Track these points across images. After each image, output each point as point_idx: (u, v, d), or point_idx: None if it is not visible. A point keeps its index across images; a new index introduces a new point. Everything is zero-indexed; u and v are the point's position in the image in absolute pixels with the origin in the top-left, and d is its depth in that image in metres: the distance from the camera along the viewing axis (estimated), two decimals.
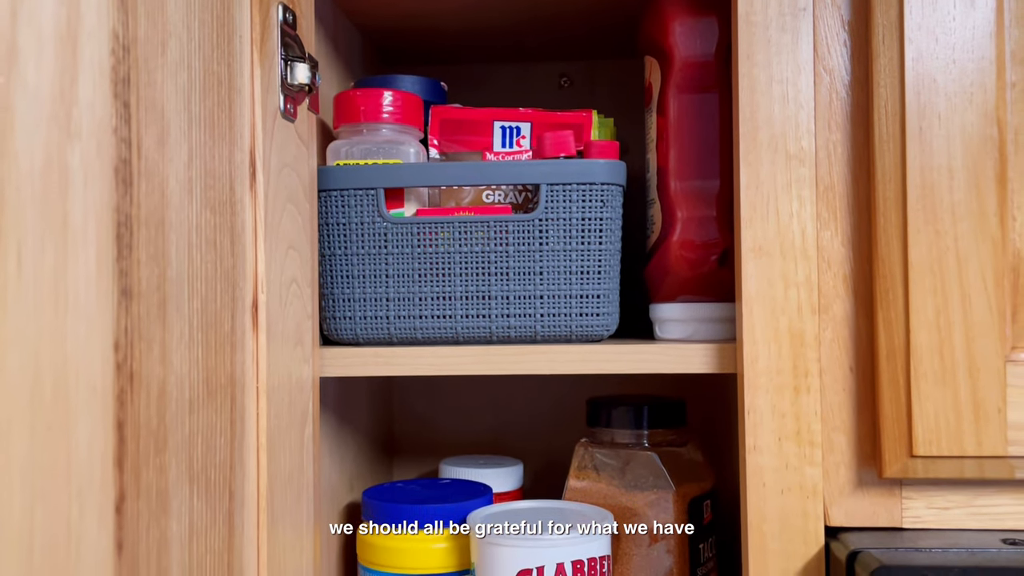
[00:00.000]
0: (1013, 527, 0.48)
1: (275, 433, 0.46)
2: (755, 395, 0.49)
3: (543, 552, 0.54)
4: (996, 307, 0.46)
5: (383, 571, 0.60)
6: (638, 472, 0.61)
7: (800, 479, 0.49)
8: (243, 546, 0.42)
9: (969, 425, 0.46)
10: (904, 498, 0.48)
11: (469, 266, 0.55)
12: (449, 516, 0.60)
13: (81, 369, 0.29)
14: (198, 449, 0.38)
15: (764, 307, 0.49)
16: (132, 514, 0.32)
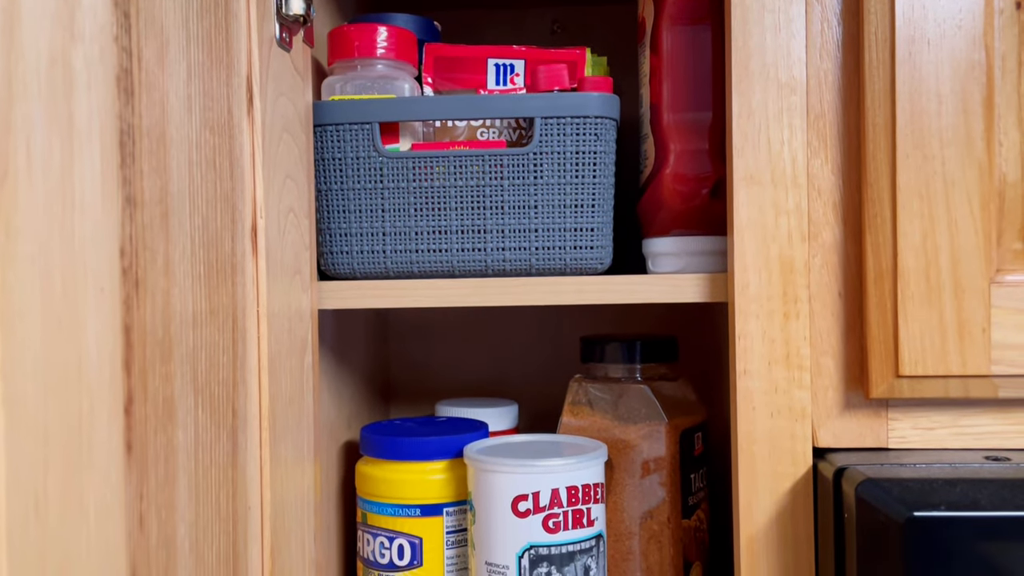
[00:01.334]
0: (996, 446, 0.49)
1: (276, 357, 0.47)
2: (746, 321, 0.50)
3: (538, 478, 0.56)
4: (982, 230, 0.47)
5: (382, 502, 0.62)
6: (631, 405, 0.62)
7: (789, 402, 0.50)
8: (246, 462, 0.44)
9: (954, 345, 0.47)
10: (890, 419, 0.50)
11: (464, 200, 0.56)
12: (446, 448, 0.62)
13: (89, 268, 0.30)
14: (202, 363, 0.39)
15: (755, 235, 0.50)
16: (140, 417, 0.33)
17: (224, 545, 0.41)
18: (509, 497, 0.56)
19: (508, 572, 0.56)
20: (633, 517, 0.61)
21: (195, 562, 0.38)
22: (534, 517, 0.56)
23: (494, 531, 0.56)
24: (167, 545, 0.35)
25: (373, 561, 0.62)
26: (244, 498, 0.43)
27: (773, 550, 0.50)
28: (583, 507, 0.57)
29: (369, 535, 0.62)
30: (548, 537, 0.55)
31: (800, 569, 0.50)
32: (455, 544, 0.61)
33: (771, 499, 0.50)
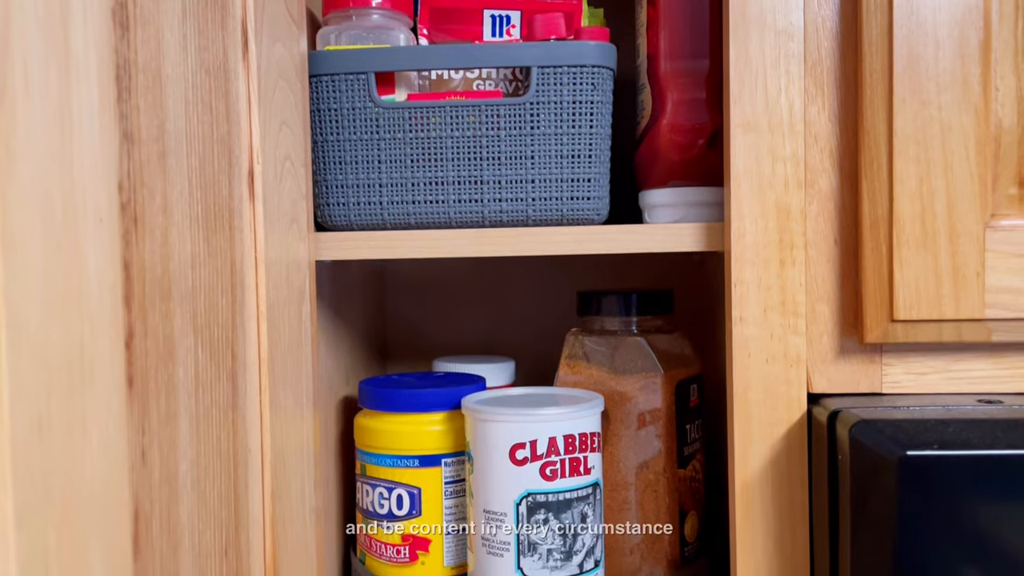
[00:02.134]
0: (989, 390, 0.50)
1: (274, 304, 0.47)
2: (742, 269, 0.51)
3: (536, 426, 0.56)
4: (977, 175, 0.47)
5: (381, 453, 0.62)
6: (627, 357, 0.63)
7: (784, 348, 0.50)
8: (246, 406, 0.44)
9: (948, 289, 0.47)
10: (884, 364, 0.50)
11: (461, 151, 0.56)
12: (444, 400, 0.62)
13: (88, 198, 0.30)
14: (201, 304, 0.39)
15: (752, 183, 0.50)
16: (141, 352, 0.33)
17: (226, 486, 0.41)
18: (507, 446, 0.56)
19: (506, 519, 0.56)
20: (629, 468, 0.62)
21: (197, 500, 0.38)
22: (531, 465, 0.56)
23: (492, 479, 0.57)
24: (169, 481, 0.36)
25: (372, 511, 0.63)
26: (244, 441, 0.44)
27: (768, 494, 0.51)
28: (580, 455, 0.57)
29: (368, 486, 0.63)
30: (545, 485, 0.56)
31: (794, 512, 0.50)
32: (453, 494, 0.62)
33: (766, 444, 0.51)
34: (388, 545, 0.62)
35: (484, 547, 0.57)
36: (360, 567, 0.64)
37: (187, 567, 0.37)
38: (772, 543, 0.51)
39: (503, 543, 0.57)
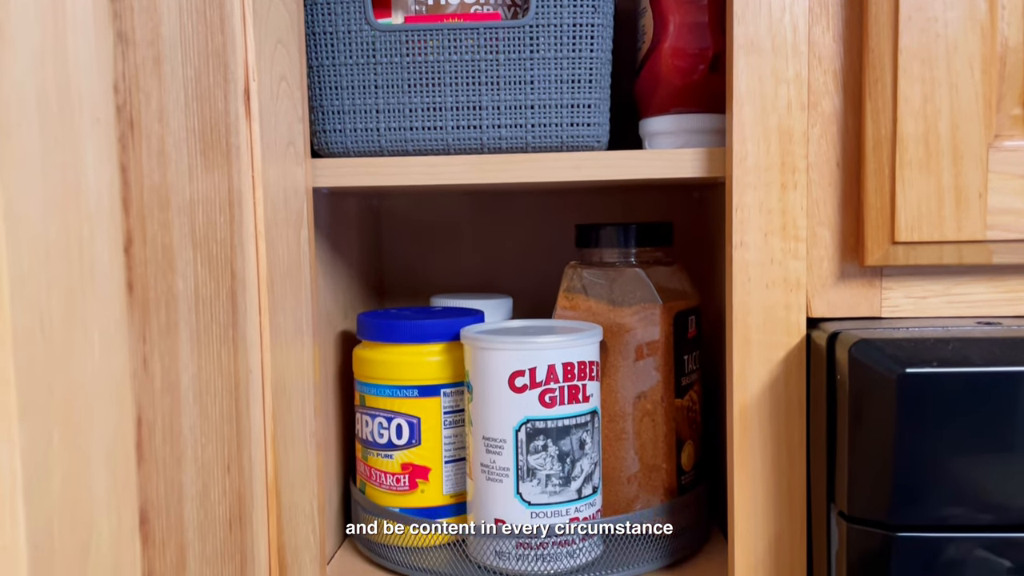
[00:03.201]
0: (988, 314, 0.50)
1: (272, 225, 0.47)
2: (743, 193, 0.50)
3: (534, 354, 0.56)
4: (982, 95, 0.46)
5: (380, 383, 0.62)
6: (625, 288, 0.63)
7: (784, 273, 0.50)
8: (246, 325, 0.44)
9: (950, 210, 0.47)
10: (884, 288, 0.50)
11: (459, 75, 0.55)
12: (443, 331, 0.62)
13: (84, 95, 0.29)
14: (199, 218, 0.39)
15: (754, 105, 0.50)
16: (140, 259, 0.33)
17: (227, 403, 0.41)
18: (506, 373, 0.57)
19: (505, 446, 0.57)
20: (627, 398, 0.62)
21: (199, 413, 0.38)
22: (531, 392, 0.56)
23: (491, 407, 0.57)
24: (171, 391, 0.35)
25: (372, 441, 0.63)
26: (245, 360, 0.44)
27: (765, 418, 0.51)
28: (578, 383, 0.57)
29: (368, 416, 0.63)
30: (544, 411, 0.56)
31: (792, 436, 0.51)
32: (453, 424, 0.62)
33: (764, 369, 0.51)
34: (388, 474, 0.62)
35: (483, 474, 0.58)
36: (360, 496, 0.64)
37: (190, 478, 0.37)
38: (770, 467, 0.51)
39: (502, 469, 0.57)
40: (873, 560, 0.44)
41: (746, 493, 0.51)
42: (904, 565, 0.44)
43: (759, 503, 0.51)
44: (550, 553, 0.57)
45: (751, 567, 0.52)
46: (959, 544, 0.43)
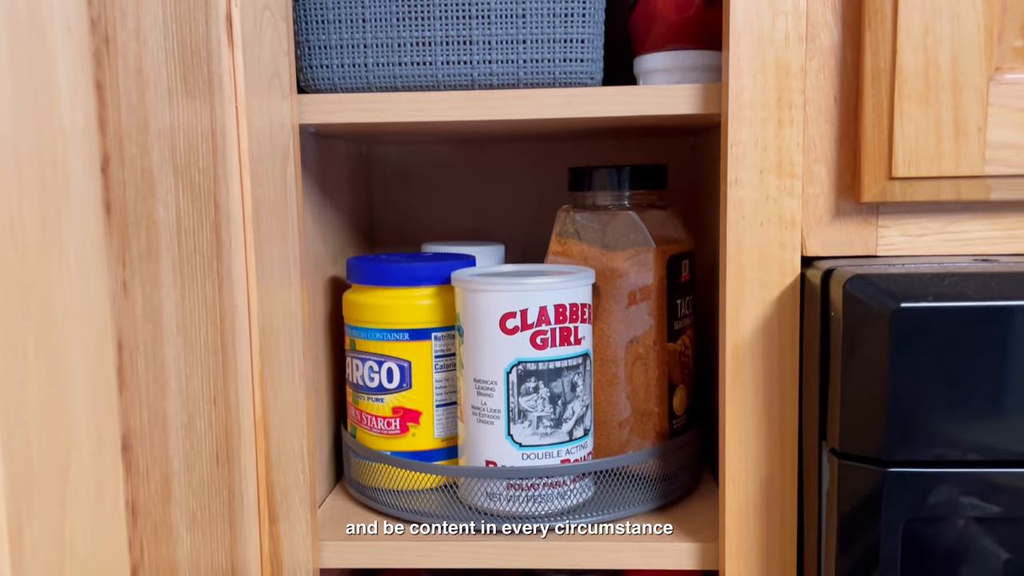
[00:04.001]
0: (985, 252, 0.49)
1: (257, 159, 0.46)
2: (739, 129, 0.49)
3: (526, 295, 0.56)
4: (984, 26, 0.45)
5: (371, 327, 0.62)
6: (619, 231, 0.62)
7: (779, 211, 0.50)
8: (231, 259, 0.43)
9: (949, 145, 0.46)
10: (879, 226, 0.50)
11: (448, 9, 0.54)
12: (434, 275, 0.61)
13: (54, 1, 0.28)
14: (180, 145, 0.37)
15: (751, 38, 0.48)
16: (118, 180, 0.32)
17: (212, 336, 0.41)
18: (497, 315, 0.56)
19: (496, 388, 0.56)
20: (619, 343, 0.62)
21: (184, 344, 0.37)
22: (522, 334, 0.56)
23: (482, 349, 0.57)
24: (153, 319, 0.35)
25: (362, 385, 0.63)
26: (231, 295, 0.43)
27: (758, 358, 0.51)
28: (570, 325, 0.57)
29: (358, 360, 0.63)
30: (536, 353, 0.56)
31: (784, 375, 0.50)
32: (444, 368, 0.62)
33: (758, 308, 0.50)
34: (379, 418, 0.62)
35: (475, 416, 0.58)
36: (351, 440, 0.64)
37: (175, 409, 0.37)
38: (762, 406, 0.51)
39: (494, 411, 0.57)
40: (864, 496, 0.44)
41: (738, 433, 0.51)
42: (895, 501, 0.44)
43: (750, 443, 0.51)
44: (541, 494, 0.57)
45: (742, 506, 0.52)
46: (951, 479, 0.43)
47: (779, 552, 0.52)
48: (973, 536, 0.43)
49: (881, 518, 0.44)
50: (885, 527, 0.44)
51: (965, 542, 0.44)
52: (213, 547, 0.40)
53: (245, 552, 0.44)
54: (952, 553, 0.44)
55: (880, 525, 0.44)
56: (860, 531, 0.45)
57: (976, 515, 0.43)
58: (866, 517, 0.44)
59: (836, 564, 0.46)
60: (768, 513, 0.51)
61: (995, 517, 0.43)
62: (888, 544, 0.44)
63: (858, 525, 0.45)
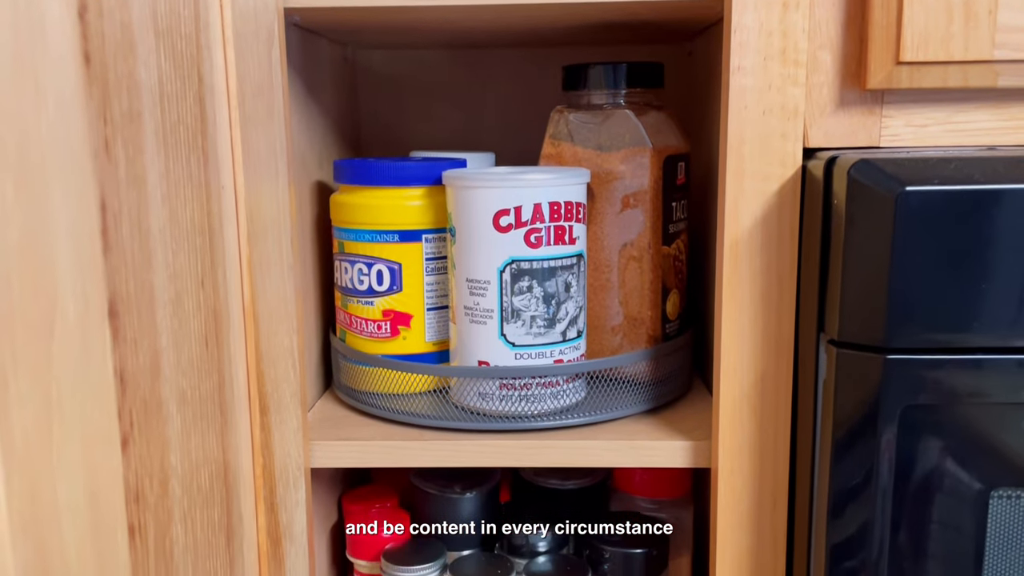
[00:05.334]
0: (990, 142, 0.48)
1: (241, 34, 0.43)
2: (743, 13, 0.47)
3: (520, 192, 0.54)
4: None
5: (360, 228, 0.60)
6: (614, 131, 0.60)
7: (782, 100, 0.48)
8: (216, 136, 0.41)
9: (959, 28, 0.45)
10: (884, 116, 0.48)
11: None
12: (425, 175, 0.60)
13: None
14: (161, 6, 0.35)
15: None
16: (96, 30, 0.30)
17: (199, 213, 0.39)
18: (491, 212, 0.55)
19: (489, 287, 0.55)
20: (612, 247, 0.61)
21: (169, 217, 0.36)
22: (516, 232, 0.55)
23: (475, 248, 0.55)
24: (137, 184, 0.33)
25: (352, 288, 0.61)
26: (217, 174, 0.41)
27: (756, 252, 0.50)
28: (565, 224, 0.56)
29: (347, 263, 0.61)
30: (530, 252, 0.55)
31: (782, 269, 0.50)
32: (434, 271, 0.61)
33: (757, 202, 0.49)
34: (369, 321, 0.61)
35: (467, 316, 0.57)
36: (340, 344, 0.63)
37: (162, 283, 0.35)
38: (759, 301, 0.50)
39: (487, 311, 0.56)
40: (863, 385, 0.44)
41: (734, 328, 0.51)
42: (894, 388, 0.43)
43: (746, 338, 0.51)
44: (534, 394, 0.56)
45: (736, 402, 0.51)
46: (950, 366, 0.43)
47: (772, 448, 0.52)
48: (970, 422, 0.43)
49: (879, 406, 0.44)
50: (883, 415, 0.44)
51: (962, 428, 0.44)
52: (204, 429, 0.39)
53: (236, 440, 0.43)
54: (949, 439, 0.44)
55: (878, 413, 0.44)
56: (857, 420, 0.44)
57: (974, 401, 0.43)
58: (864, 406, 0.44)
59: (832, 455, 0.46)
60: (763, 409, 0.51)
61: (993, 403, 0.43)
62: (885, 431, 0.44)
63: (855, 414, 0.44)
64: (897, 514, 0.44)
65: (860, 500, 0.45)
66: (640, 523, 0.63)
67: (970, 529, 0.44)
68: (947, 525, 0.44)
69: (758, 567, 0.53)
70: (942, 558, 0.44)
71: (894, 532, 0.45)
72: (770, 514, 0.52)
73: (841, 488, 0.45)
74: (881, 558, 0.45)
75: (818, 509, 0.47)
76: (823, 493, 0.47)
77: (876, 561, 0.45)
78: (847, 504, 0.46)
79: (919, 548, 0.45)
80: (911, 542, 0.45)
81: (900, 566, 0.45)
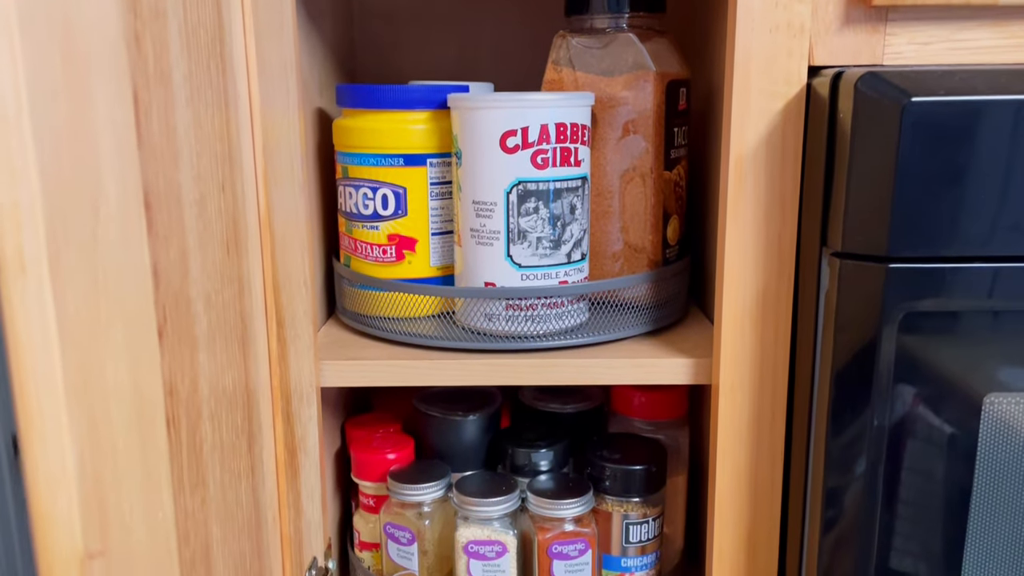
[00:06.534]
0: (991, 60, 0.49)
1: None
2: None
3: (527, 112, 0.55)
4: None
5: (364, 152, 0.60)
6: (617, 55, 0.61)
7: (788, 17, 0.49)
8: (232, 45, 0.41)
9: None
10: (887, 34, 0.49)
11: None
12: (429, 98, 0.60)
13: None
14: None
15: None
16: None
17: (218, 120, 0.39)
18: (498, 133, 0.55)
19: (496, 209, 0.56)
20: (614, 173, 0.62)
21: (192, 119, 0.36)
22: (523, 153, 0.55)
23: (482, 169, 0.56)
24: (164, 82, 0.33)
25: (356, 213, 0.62)
26: (233, 83, 0.41)
27: (761, 169, 0.51)
28: (571, 146, 0.56)
29: (351, 188, 0.62)
30: (536, 173, 0.55)
31: (785, 186, 0.51)
32: (439, 196, 0.61)
33: (763, 120, 0.50)
34: (373, 246, 0.62)
35: (473, 238, 0.57)
36: (345, 270, 0.64)
37: (188, 183, 0.36)
38: (762, 218, 0.51)
39: (493, 232, 0.57)
40: (864, 294, 0.45)
41: (737, 245, 0.52)
42: (895, 296, 0.45)
43: (748, 255, 0.52)
44: (539, 315, 0.58)
45: (738, 318, 0.53)
46: (951, 274, 0.44)
47: (772, 363, 0.53)
48: (967, 329, 0.45)
49: (880, 313, 0.45)
50: (884, 322, 0.45)
51: (959, 335, 0.45)
52: (227, 334, 0.40)
53: (255, 348, 0.44)
54: (946, 345, 0.45)
55: (879, 320, 0.45)
56: (858, 329, 0.46)
57: (972, 308, 0.45)
58: (865, 315, 0.46)
59: (832, 364, 0.47)
60: (763, 324, 0.53)
61: (990, 310, 0.45)
62: (885, 339, 0.45)
63: (856, 323, 0.46)
64: (894, 419, 0.46)
65: (858, 406, 0.47)
66: (639, 442, 0.64)
67: (964, 431, 0.46)
68: (942, 428, 0.46)
69: (756, 479, 0.55)
70: (937, 459, 0.46)
71: (891, 436, 0.46)
72: (769, 428, 0.54)
73: (840, 395, 0.47)
74: (878, 462, 0.47)
75: (817, 418, 0.49)
76: (823, 402, 0.48)
77: (873, 465, 0.47)
78: (846, 411, 0.47)
79: (915, 451, 0.47)
80: (907, 446, 0.47)
81: (896, 469, 0.47)
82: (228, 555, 0.39)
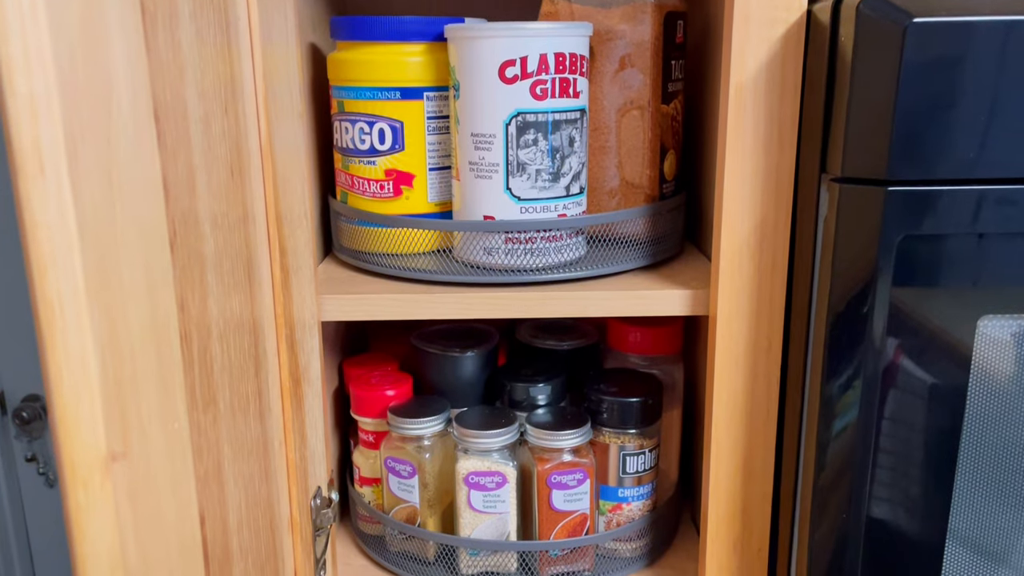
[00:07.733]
0: None
1: None
2: None
3: (526, 42, 0.54)
4: None
5: (360, 86, 0.60)
6: None
7: None
8: None
9: None
10: None
11: None
12: (426, 30, 0.59)
13: None
14: None
15: None
16: None
17: (220, 40, 0.39)
18: (496, 63, 0.55)
19: (495, 140, 0.56)
20: (611, 108, 0.61)
21: (196, 35, 0.36)
22: (522, 83, 0.55)
23: (480, 101, 0.56)
24: None
25: (353, 148, 0.61)
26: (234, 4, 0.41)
27: (760, 98, 0.51)
28: (569, 76, 0.56)
29: (347, 123, 0.61)
30: (536, 104, 0.55)
31: (784, 114, 0.51)
32: (436, 131, 0.61)
33: (763, 48, 0.50)
34: (371, 181, 0.61)
35: (472, 171, 0.57)
36: (341, 206, 0.63)
37: (193, 100, 0.35)
38: (761, 147, 0.51)
39: (492, 165, 0.57)
40: (864, 217, 0.46)
41: (736, 176, 0.52)
42: (894, 218, 0.45)
43: (747, 186, 0.52)
44: (538, 248, 0.58)
45: (736, 248, 0.53)
46: (951, 196, 0.45)
47: (768, 292, 0.54)
48: (964, 251, 0.46)
49: (879, 236, 0.46)
50: (882, 245, 0.46)
51: (956, 257, 0.46)
52: (233, 257, 0.40)
53: (260, 274, 0.44)
54: (943, 268, 0.46)
55: (877, 244, 0.46)
56: (857, 252, 0.47)
57: (969, 231, 0.45)
58: (864, 238, 0.46)
59: (830, 290, 0.48)
60: (761, 254, 0.53)
61: (987, 233, 0.45)
62: (883, 262, 0.46)
63: (855, 248, 0.47)
64: (890, 342, 0.47)
65: (855, 331, 0.47)
66: (635, 376, 0.65)
67: (958, 351, 0.47)
68: (937, 350, 0.47)
69: (752, 407, 0.56)
70: (932, 379, 0.47)
71: (887, 360, 0.47)
72: (765, 356, 0.55)
73: (837, 319, 0.48)
74: (874, 382, 0.48)
75: (814, 345, 0.50)
76: (820, 329, 0.49)
77: (868, 388, 0.48)
78: (842, 335, 0.48)
79: (910, 371, 0.48)
80: (903, 366, 0.47)
81: (892, 389, 0.48)
82: (239, 475, 0.40)
